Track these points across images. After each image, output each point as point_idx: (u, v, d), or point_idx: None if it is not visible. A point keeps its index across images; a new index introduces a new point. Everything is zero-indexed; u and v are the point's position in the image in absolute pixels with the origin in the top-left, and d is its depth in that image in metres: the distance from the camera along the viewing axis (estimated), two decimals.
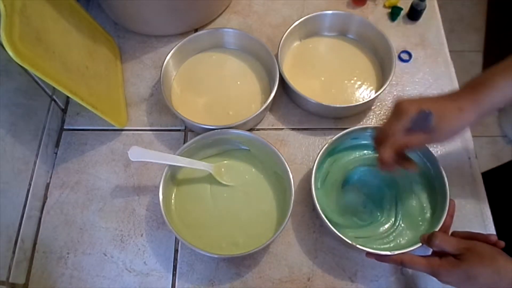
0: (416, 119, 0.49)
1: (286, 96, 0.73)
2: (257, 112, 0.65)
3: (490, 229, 0.63)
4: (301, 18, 0.72)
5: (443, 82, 0.75)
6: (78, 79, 0.60)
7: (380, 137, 0.54)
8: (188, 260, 0.61)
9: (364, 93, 0.72)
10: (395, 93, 0.74)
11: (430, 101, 0.51)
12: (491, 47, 1.75)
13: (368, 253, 0.55)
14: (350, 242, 0.54)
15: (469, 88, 0.50)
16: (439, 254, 0.50)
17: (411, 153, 0.61)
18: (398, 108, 0.51)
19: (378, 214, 0.61)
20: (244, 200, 0.63)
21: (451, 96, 0.51)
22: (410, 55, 0.77)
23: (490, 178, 0.69)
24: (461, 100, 0.49)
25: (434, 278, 0.50)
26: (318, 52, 0.76)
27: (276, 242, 0.62)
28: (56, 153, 0.69)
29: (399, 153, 0.52)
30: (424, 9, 0.78)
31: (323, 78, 0.73)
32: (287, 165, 0.60)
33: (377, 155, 0.54)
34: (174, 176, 0.64)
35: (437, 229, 0.54)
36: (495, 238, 0.49)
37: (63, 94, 0.61)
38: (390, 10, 0.81)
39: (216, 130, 0.63)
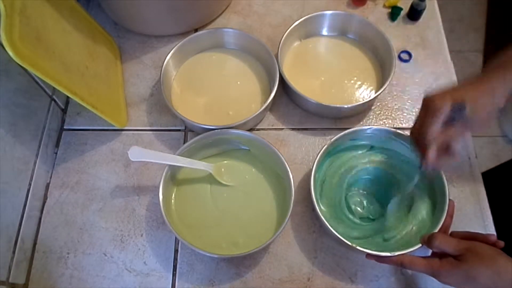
0: (450, 114, 0.47)
1: (286, 96, 0.73)
2: (257, 112, 0.65)
3: (490, 229, 0.63)
4: (301, 18, 0.72)
5: (443, 82, 0.75)
6: (78, 79, 0.60)
7: (418, 139, 0.52)
8: (188, 260, 0.61)
9: (364, 93, 0.72)
10: (395, 93, 0.74)
11: (460, 90, 0.48)
12: (491, 47, 1.75)
13: (368, 255, 0.54)
14: (349, 243, 0.54)
15: (498, 67, 0.48)
16: (439, 255, 0.50)
17: (411, 153, 0.61)
18: (430, 105, 0.49)
19: (378, 214, 0.61)
20: (244, 200, 0.63)
21: (481, 78, 0.49)
22: (410, 55, 0.77)
23: (490, 178, 0.69)
24: (492, 81, 0.47)
25: (434, 279, 0.50)
26: (318, 52, 0.76)
27: (276, 242, 0.62)
28: (56, 153, 0.69)
29: (442, 149, 0.50)
30: (424, 9, 0.78)
31: (323, 78, 0.73)
32: (287, 165, 0.60)
33: (421, 157, 0.52)
34: (174, 176, 0.64)
35: (436, 230, 0.54)
36: (494, 238, 0.49)
37: (63, 94, 0.61)
38: (390, 10, 0.81)
39: (216, 130, 0.63)
